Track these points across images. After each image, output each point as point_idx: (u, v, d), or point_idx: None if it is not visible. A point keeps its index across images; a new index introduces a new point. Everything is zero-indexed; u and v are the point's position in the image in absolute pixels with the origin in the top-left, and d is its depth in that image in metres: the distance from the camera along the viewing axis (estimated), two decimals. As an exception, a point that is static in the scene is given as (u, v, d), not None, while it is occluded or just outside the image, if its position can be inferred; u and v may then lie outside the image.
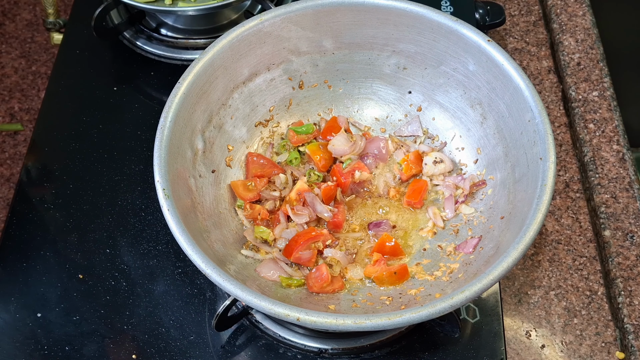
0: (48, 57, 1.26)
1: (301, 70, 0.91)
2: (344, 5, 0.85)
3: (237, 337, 0.84)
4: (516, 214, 0.75)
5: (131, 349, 0.83)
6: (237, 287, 0.66)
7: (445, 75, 0.88)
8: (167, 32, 1.11)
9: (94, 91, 1.06)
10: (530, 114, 0.77)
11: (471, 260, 0.77)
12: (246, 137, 0.90)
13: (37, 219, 0.93)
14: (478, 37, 0.81)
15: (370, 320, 0.64)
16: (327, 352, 0.82)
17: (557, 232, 0.96)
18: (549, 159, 0.73)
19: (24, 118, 1.19)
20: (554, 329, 0.89)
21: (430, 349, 0.82)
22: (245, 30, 0.84)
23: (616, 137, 1.00)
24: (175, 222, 0.70)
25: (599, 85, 1.06)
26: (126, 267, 0.89)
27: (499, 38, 1.17)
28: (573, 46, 1.10)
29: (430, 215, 0.86)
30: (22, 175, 0.97)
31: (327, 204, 0.86)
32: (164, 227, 0.92)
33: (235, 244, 0.82)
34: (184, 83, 0.80)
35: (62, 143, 1.00)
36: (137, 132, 1.01)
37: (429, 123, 0.92)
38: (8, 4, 1.33)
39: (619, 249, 0.91)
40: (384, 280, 0.79)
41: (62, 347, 0.83)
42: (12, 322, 0.84)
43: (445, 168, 0.88)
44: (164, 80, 1.07)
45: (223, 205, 0.85)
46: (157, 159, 0.74)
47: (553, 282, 0.92)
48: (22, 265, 0.89)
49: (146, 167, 0.98)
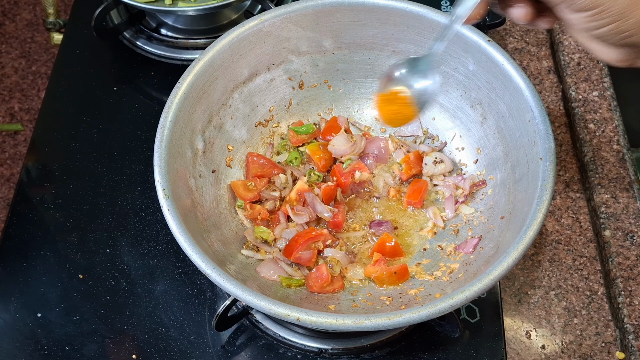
0: (48, 57, 1.26)
1: (301, 70, 0.91)
2: (344, 5, 0.85)
3: (237, 337, 0.84)
4: (516, 214, 0.75)
5: (131, 349, 0.83)
6: (237, 287, 0.66)
7: (445, 75, 0.88)
8: (167, 32, 1.11)
9: (94, 91, 1.06)
10: (530, 114, 0.77)
11: (471, 260, 0.77)
12: (246, 137, 0.90)
13: (37, 219, 0.93)
14: (478, 37, 0.81)
15: (370, 320, 0.64)
16: (327, 352, 0.82)
17: (557, 232, 0.96)
18: (549, 159, 0.73)
19: (24, 118, 1.19)
20: (554, 329, 0.89)
21: (430, 349, 0.82)
22: (245, 30, 0.84)
23: (616, 137, 1.00)
24: (175, 222, 0.70)
25: (599, 85, 1.06)
26: (126, 267, 0.89)
27: (499, 38, 1.17)
28: (573, 46, 1.10)
29: (430, 215, 0.86)
30: (22, 175, 0.97)
31: (327, 204, 0.86)
32: (164, 227, 0.92)
33: (235, 244, 0.82)
34: (184, 83, 0.80)
35: (62, 143, 1.00)
36: (137, 132, 1.01)
37: (429, 123, 0.92)
38: (8, 4, 1.33)
39: (619, 249, 0.91)
40: (384, 280, 0.79)
41: (62, 347, 0.83)
42: (12, 322, 0.84)
43: (445, 168, 0.88)
44: (164, 80, 1.07)
45: (223, 205, 0.85)
46: (157, 159, 0.74)
47: (553, 282, 0.92)
48: (22, 265, 0.89)
49: (146, 167, 0.98)
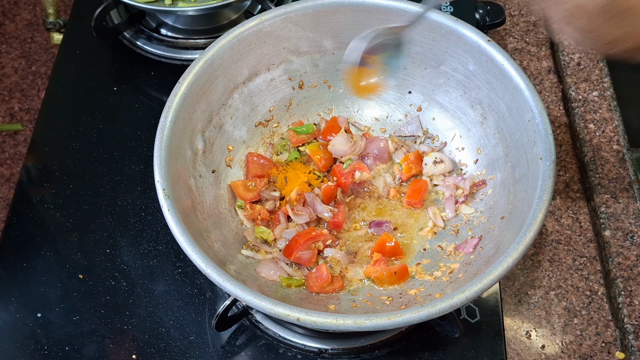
0: (48, 57, 1.26)
1: (301, 70, 0.91)
2: (344, 5, 0.85)
3: (237, 337, 0.84)
4: (516, 214, 0.75)
5: (131, 349, 0.83)
6: (237, 287, 0.66)
7: (445, 75, 0.88)
8: (167, 32, 1.11)
9: (94, 91, 1.06)
10: (530, 114, 0.77)
11: (471, 260, 0.77)
12: (246, 137, 0.90)
13: (37, 219, 0.93)
14: (478, 37, 0.81)
15: (370, 320, 0.64)
16: (327, 352, 0.82)
17: (557, 232, 0.96)
18: (549, 159, 0.73)
19: (24, 118, 1.19)
20: (554, 329, 0.89)
21: (430, 349, 0.82)
22: (245, 30, 0.84)
23: (616, 137, 1.00)
24: (175, 222, 0.70)
25: (599, 85, 1.06)
26: (126, 267, 0.89)
27: (499, 38, 1.17)
28: (573, 46, 1.10)
29: (430, 215, 0.86)
30: (22, 175, 0.97)
31: (327, 204, 0.86)
32: (164, 227, 0.92)
33: (235, 244, 0.82)
34: (184, 83, 0.80)
35: (62, 143, 1.00)
36: (137, 132, 1.01)
37: (429, 123, 0.92)
38: (8, 4, 1.33)
39: (619, 249, 0.91)
40: (384, 280, 0.79)
41: (62, 347, 0.83)
42: (12, 322, 0.84)
43: (445, 168, 0.88)
44: (164, 80, 1.07)
45: (223, 205, 0.85)
46: (157, 159, 0.74)
47: (553, 282, 0.92)
48: (22, 265, 0.89)
49: (146, 167, 0.97)
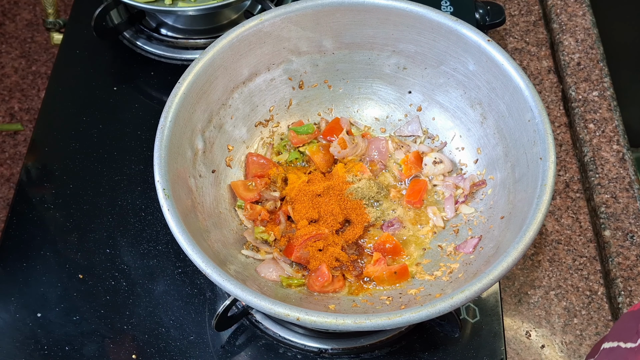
0: (48, 57, 1.26)
1: (301, 70, 0.91)
2: (344, 5, 0.85)
3: (237, 337, 0.84)
4: (516, 214, 0.75)
5: (131, 349, 0.83)
6: (237, 287, 0.66)
7: (445, 75, 0.88)
8: (167, 32, 1.11)
9: (94, 91, 1.06)
10: (530, 114, 0.77)
11: (471, 260, 0.77)
12: (246, 137, 0.90)
13: (37, 219, 0.93)
14: (478, 37, 0.81)
15: (370, 320, 0.64)
16: (327, 352, 0.82)
17: (557, 232, 0.96)
18: (549, 159, 0.73)
19: (24, 118, 1.19)
20: (554, 329, 0.89)
21: (430, 349, 0.82)
22: (245, 30, 0.84)
23: (616, 137, 1.00)
24: (175, 222, 0.70)
25: (599, 85, 1.06)
26: (126, 267, 0.89)
27: (499, 38, 1.17)
28: (573, 46, 1.10)
29: (430, 215, 0.86)
30: (22, 175, 0.97)
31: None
32: (164, 227, 0.92)
33: (235, 244, 0.82)
34: (184, 83, 0.80)
35: (62, 143, 1.00)
36: (137, 132, 1.01)
37: (429, 123, 0.92)
38: (8, 4, 1.33)
39: (619, 249, 0.91)
40: (384, 280, 0.79)
41: (62, 347, 0.83)
42: (12, 322, 0.84)
43: (444, 168, 0.88)
44: (164, 80, 1.07)
45: (223, 206, 0.85)
46: (157, 159, 0.74)
47: (553, 282, 0.92)
48: (22, 265, 0.89)
49: (146, 167, 0.97)
